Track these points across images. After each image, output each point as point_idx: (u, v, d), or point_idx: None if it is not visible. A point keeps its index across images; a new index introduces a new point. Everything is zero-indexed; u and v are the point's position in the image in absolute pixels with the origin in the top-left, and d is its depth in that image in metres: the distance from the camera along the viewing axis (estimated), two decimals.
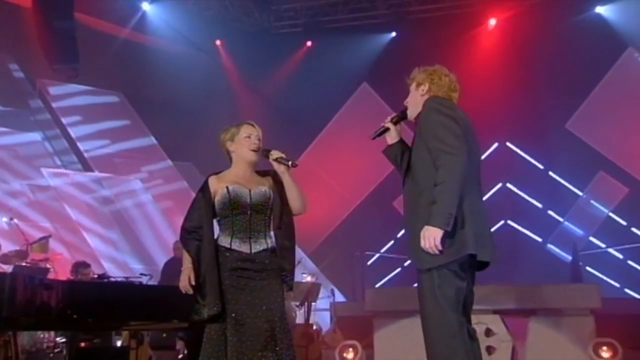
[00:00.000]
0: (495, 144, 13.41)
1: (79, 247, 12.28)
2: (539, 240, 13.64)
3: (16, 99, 12.72)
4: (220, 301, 3.93)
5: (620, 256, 12.87)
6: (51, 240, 10.03)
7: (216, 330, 3.95)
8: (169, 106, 13.55)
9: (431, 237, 3.55)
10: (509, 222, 13.43)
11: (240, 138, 4.21)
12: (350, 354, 8.74)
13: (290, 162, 4.13)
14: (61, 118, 13.38)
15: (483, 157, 4.31)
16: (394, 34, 15.00)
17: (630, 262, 12.75)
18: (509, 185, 13.78)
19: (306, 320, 9.73)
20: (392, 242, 14.13)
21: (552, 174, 13.68)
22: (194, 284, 4.01)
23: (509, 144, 13.89)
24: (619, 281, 12.50)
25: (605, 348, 7.83)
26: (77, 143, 13.41)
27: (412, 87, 4.02)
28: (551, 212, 13.69)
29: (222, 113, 13.47)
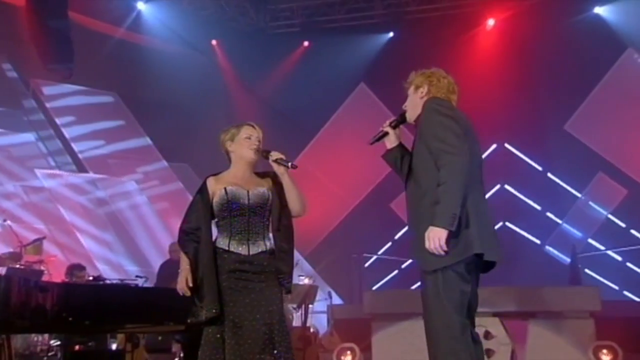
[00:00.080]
0: (493, 145, 13.38)
1: (73, 249, 12.22)
2: (538, 242, 13.64)
3: (10, 99, 12.62)
4: (218, 303, 3.90)
5: (619, 258, 12.87)
6: (45, 242, 9.98)
7: (214, 332, 3.92)
8: (164, 106, 13.48)
9: (436, 238, 3.53)
10: (507, 223, 13.39)
11: (240, 138, 4.20)
12: (348, 356, 8.71)
13: (290, 164, 4.11)
14: (55, 118, 13.30)
15: None
16: (391, 34, 14.99)
17: (630, 265, 12.77)
18: (507, 186, 13.74)
19: (303, 323, 9.70)
20: (389, 244, 14.16)
21: (550, 175, 13.68)
22: (191, 285, 3.98)
23: (507, 145, 13.87)
24: (618, 283, 12.49)
25: (605, 351, 7.82)
26: (71, 144, 13.34)
27: (411, 90, 4.02)
28: (550, 214, 13.69)
29: (218, 113, 13.47)
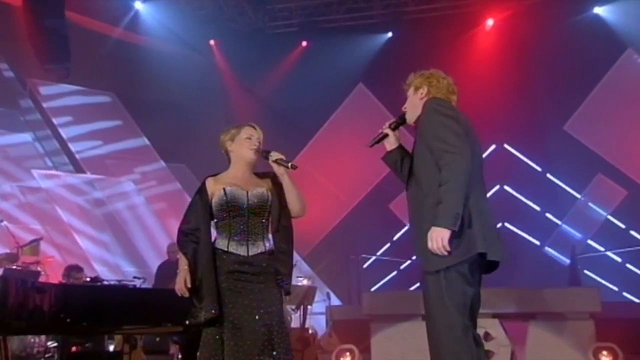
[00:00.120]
0: (492, 146, 13.32)
1: (70, 249, 12.19)
2: (537, 243, 13.61)
3: (6, 99, 12.59)
4: (217, 304, 3.89)
5: (619, 259, 12.85)
6: (42, 243, 9.93)
7: (213, 334, 3.91)
8: (162, 107, 13.45)
9: (439, 238, 3.52)
10: (507, 224, 13.34)
11: (241, 138, 4.21)
12: (347, 358, 8.72)
13: (290, 164, 4.10)
14: (52, 118, 13.27)
15: None
16: (390, 34, 14.97)
17: (629, 266, 12.74)
18: (506, 187, 13.69)
19: (302, 324, 9.69)
20: (388, 244, 14.16)
21: (550, 176, 13.66)
22: (189, 286, 3.97)
23: (506, 145, 13.84)
24: (618, 285, 12.48)
25: (605, 353, 7.82)
26: (68, 144, 13.31)
27: (410, 91, 4.03)
28: (549, 215, 13.68)
29: (216, 114, 13.47)
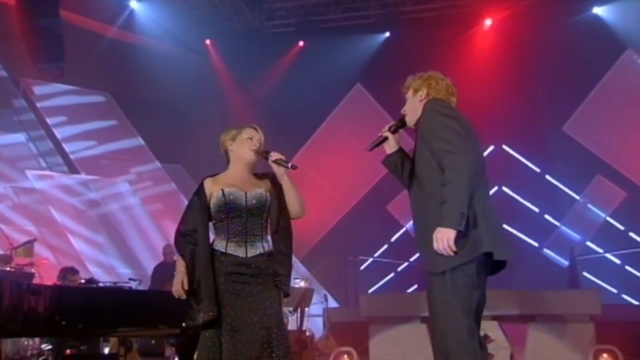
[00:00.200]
0: (491, 147, 13.28)
1: (64, 251, 12.19)
2: (535, 245, 13.61)
3: None
4: (215, 306, 3.85)
5: (618, 261, 12.86)
6: (36, 245, 9.95)
7: (211, 336, 3.87)
8: (157, 107, 13.41)
9: (444, 238, 3.46)
10: (505, 226, 13.25)
11: (241, 138, 4.17)
12: None
13: (290, 164, 4.05)
14: (46, 118, 13.26)
15: None
16: (387, 34, 14.98)
17: (628, 268, 12.76)
18: (504, 188, 13.67)
19: (299, 327, 9.69)
20: (385, 246, 14.17)
21: (548, 177, 13.68)
22: (187, 288, 3.91)
23: (505, 146, 13.85)
24: (617, 287, 12.50)
25: (605, 355, 7.85)
26: (62, 144, 13.31)
27: (409, 94, 3.98)
28: (548, 217, 13.69)
29: (212, 114, 13.45)
